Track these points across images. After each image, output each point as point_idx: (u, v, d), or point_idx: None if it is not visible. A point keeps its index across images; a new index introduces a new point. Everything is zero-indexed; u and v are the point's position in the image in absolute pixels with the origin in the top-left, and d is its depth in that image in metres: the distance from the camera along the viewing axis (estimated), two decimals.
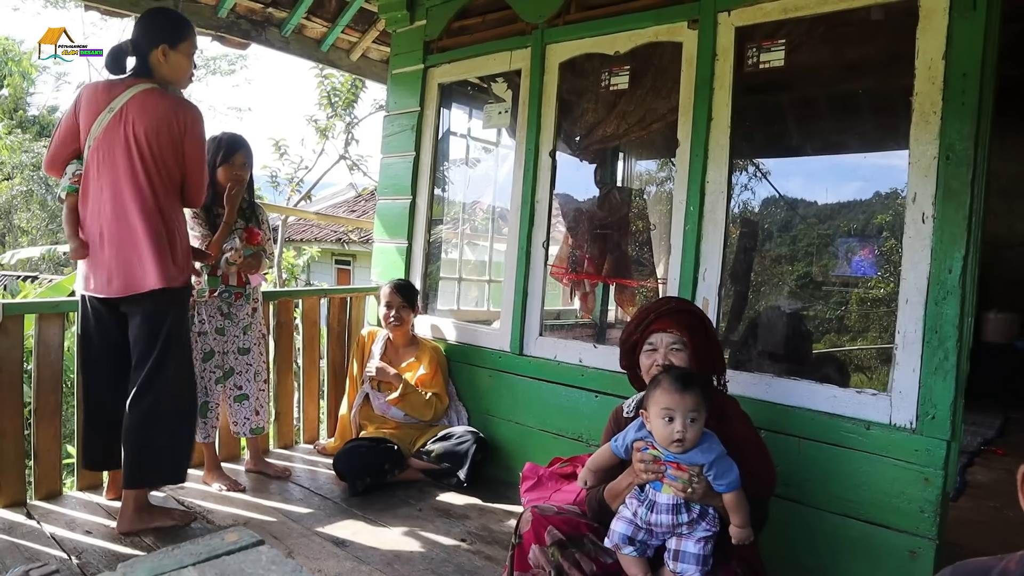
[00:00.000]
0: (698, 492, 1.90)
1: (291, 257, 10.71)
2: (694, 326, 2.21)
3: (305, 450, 4.10)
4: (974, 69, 2.38)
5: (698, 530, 1.95)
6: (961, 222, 2.40)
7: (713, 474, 1.90)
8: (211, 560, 0.68)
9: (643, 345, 2.23)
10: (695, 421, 1.90)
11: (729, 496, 1.91)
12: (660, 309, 2.25)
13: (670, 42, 3.20)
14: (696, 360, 2.17)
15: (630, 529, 2.00)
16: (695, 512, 1.94)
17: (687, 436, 1.89)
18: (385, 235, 4.38)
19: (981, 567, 1.14)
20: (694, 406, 1.90)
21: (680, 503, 1.93)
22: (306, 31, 4.98)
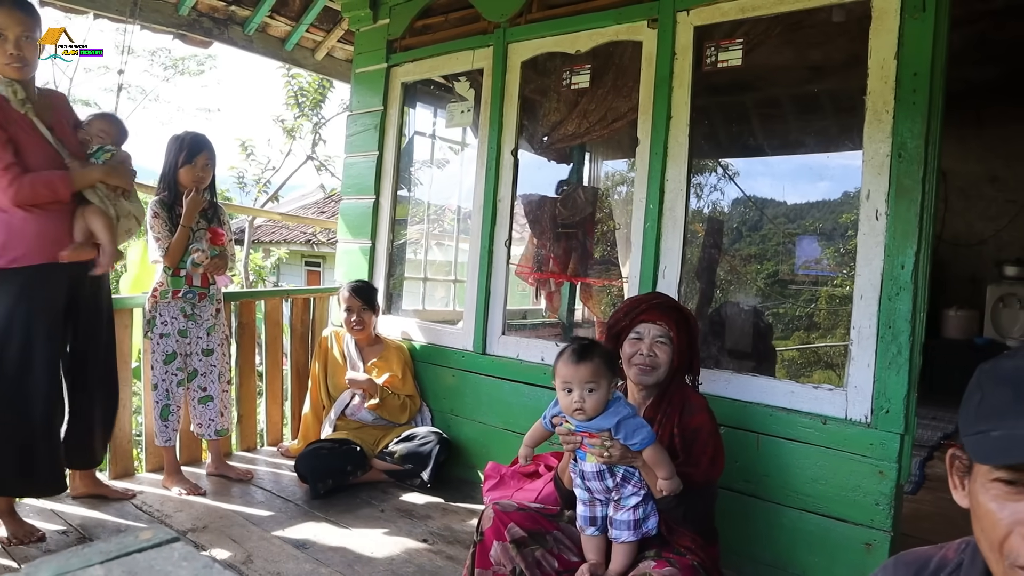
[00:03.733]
0: (615, 455, 1.98)
1: (259, 259, 10.60)
2: (681, 324, 2.26)
3: (269, 452, 4.05)
4: (924, 69, 2.42)
5: (627, 492, 2.03)
6: (913, 219, 2.43)
7: (623, 435, 1.97)
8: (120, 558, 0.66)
9: (629, 333, 2.26)
10: (594, 391, 1.96)
11: (646, 452, 1.97)
12: (652, 301, 2.31)
13: (630, 41, 3.22)
14: (678, 357, 2.22)
15: (587, 509, 2.09)
16: (619, 475, 2.03)
17: (586, 406, 1.96)
18: (349, 235, 4.35)
19: (922, 556, 1.15)
20: (590, 376, 1.96)
21: (603, 469, 2.02)
22: (270, 30, 4.93)
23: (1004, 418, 0.89)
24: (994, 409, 0.91)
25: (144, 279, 4.75)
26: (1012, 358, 0.95)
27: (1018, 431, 0.86)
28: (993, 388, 0.93)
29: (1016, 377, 0.90)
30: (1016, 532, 0.87)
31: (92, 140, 2.93)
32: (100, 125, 2.96)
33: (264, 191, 11.31)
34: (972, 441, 0.92)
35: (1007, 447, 0.86)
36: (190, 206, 3.25)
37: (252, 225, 10.40)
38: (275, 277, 12.34)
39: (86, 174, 2.79)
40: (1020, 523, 0.86)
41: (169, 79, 17.36)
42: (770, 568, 2.66)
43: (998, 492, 0.89)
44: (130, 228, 2.95)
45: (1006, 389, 0.91)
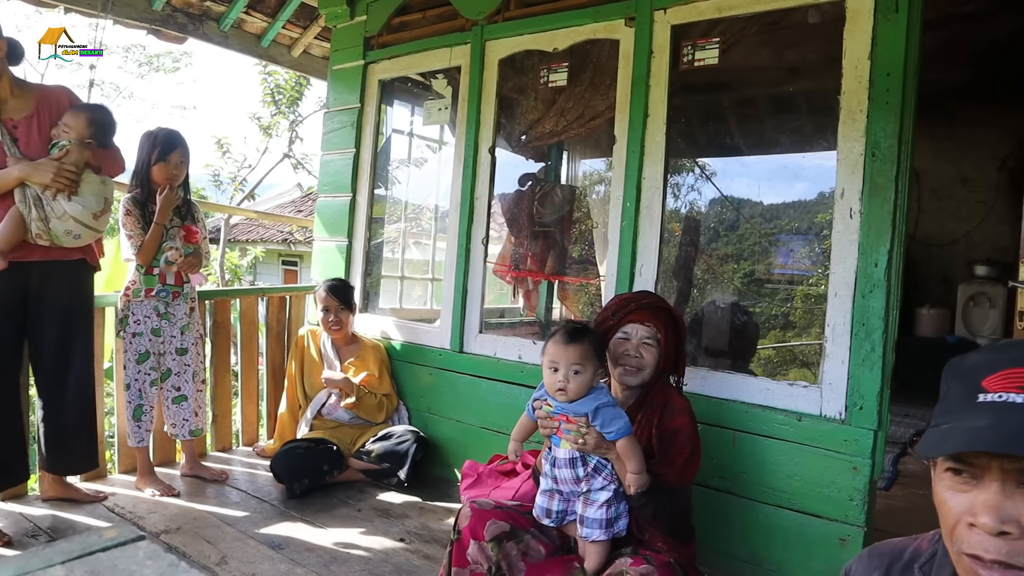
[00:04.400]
0: (589, 442, 1.99)
1: (235, 258, 10.51)
2: (670, 325, 2.24)
3: (244, 452, 4.01)
4: (897, 69, 2.45)
5: (596, 485, 2.03)
6: (886, 217, 2.46)
7: (600, 422, 1.98)
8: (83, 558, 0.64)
9: (616, 332, 2.25)
10: (579, 373, 1.99)
11: (620, 443, 1.98)
12: (641, 301, 2.28)
13: (607, 39, 3.22)
14: (665, 359, 2.21)
15: (545, 499, 2.11)
16: (591, 465, 2.03)
17: (569, 387, 1.98)
18: (325, 233, 4.32)
19: (896, 547, 1.18)
20: (578, 358, 1.98)
21: (576, 457, 2.03)
22: (245, 26, 4.88)
23: (953, 412, 0.93)
24: (948, 404, 0.96)
25: (117, 277, 4.69)
26: (979, 353, 0.98)
27: (961, 424, 0.90)
28: (952, 384, 0.97)
29: (970, 372, 0.94)
30: (962, 521, 0.91)
31: (59, 135, 2.87)
32: (66, 119, 2.90)
33: (240, 189, 11.21)
34: (928, 434, 0.96)
35: (941, 439, 0.91)
36: (163, 204, 3.21)
37: (228, 223, 10.31)
38: (251, 276, 12.24)
39: (5, 174, 2.74)
40: (966, 512, 0.90)
41: (144, 76, 17.17)
42: (746, 564, 2.68)
43: (950, 483, 0.93)
44: (69, 230, 2.84)
45: (959, 384, 0.95)
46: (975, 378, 0.93)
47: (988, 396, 0.90)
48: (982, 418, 0.89)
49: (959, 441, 0.88)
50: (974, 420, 0.90)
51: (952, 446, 0.88)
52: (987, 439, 0.86)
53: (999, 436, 0.86)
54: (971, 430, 0.88)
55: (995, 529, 0.87)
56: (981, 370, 0.93)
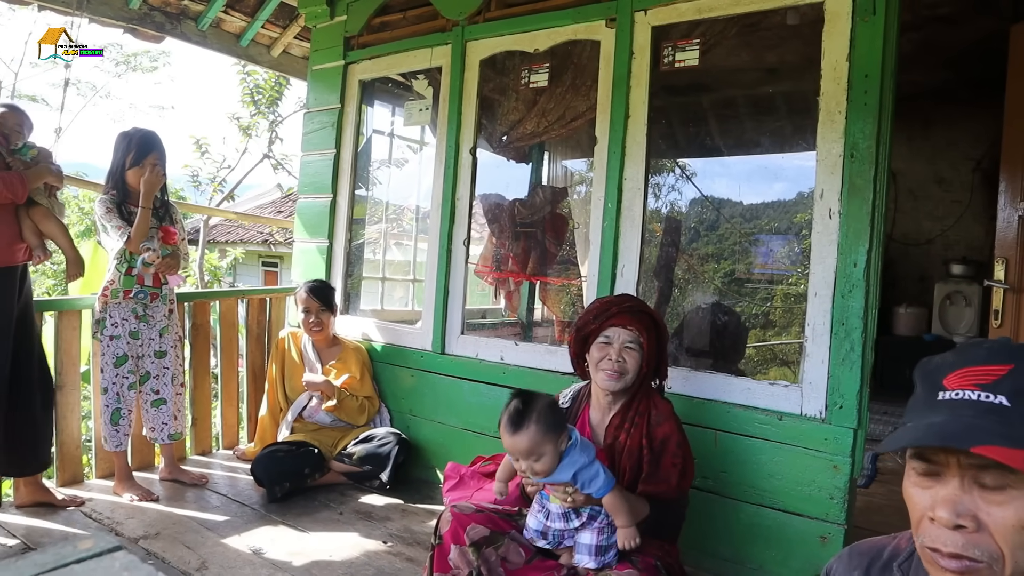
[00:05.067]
0: (579, 500, 1.98)
1: (214, 259, 10.42)
2: (651, 329, 2.23)
3: (224, 456, 3.97)
4: (875, 71, 2.47)
5: (592, 528, 2.02)
6: (865, 217, 2.48)
7: (580, 484, 1.95)
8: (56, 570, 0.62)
9: (598, 337, 2.24)
10: (540, 457, 1.92)
11: (606, 500, 1.96)
12: (623, 305, 2.26)
13: (588, 40, 3.23)
14: (647, 363, 2.20)
15: (541, 525, 2.08)
16: (584, 516, 2.02)
17: (536, 471, 1.95)
18: (306, 235, 4.29)
19: (876, 546, 1.19)
20: (530, 446, 1.91)
21: (569, 511, 2.02)
22: (224, 25, 4.84)
23: (916, 410, 0.98)
24: (914, 402, 1.00)
25: (94, 279, 4.63)
26: (943, 355, 1.01)
27: (920, 422, 0.94)
28: (920, 383, 1.01)
29: (934, 372, 0.99)
30: (925, 515, 0.95)
31: (11, 135, 2.83)
32: (13, 119, 2.87)
33: (219, 190, 11.09)
34: (895, 432, 0.99)
35: (899, 436, 0.94)
36: (147, 186, 3.17)
37: (207, 225, 10.22)
38: (231, 277, 12.14)
39: (37, 173, 2.73)
40: (928, 508, 0.94)
41: (121, 75, 16.94)
42: (728, 563, 2.69)
43: (915, 479, 0.97)
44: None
45: (924, 384, 1.00)
46: (937, 377, 0.97)
47: (947, 394, 0.94)
48: (938, 415, 0.93)
49: (911, 436, 0.92)
50: (931, 417, 0.93)
51: (905, 441, 0.93)
52: (934, 434, 0.90)
53: (945, 431, 0.90)
54: (926, 427, 0.92)
55: (951, 523, 0.90)
56: (943, 370, 0.97)
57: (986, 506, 0.90)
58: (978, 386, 0.92)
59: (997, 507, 0.89)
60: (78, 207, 11.81)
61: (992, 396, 0.91)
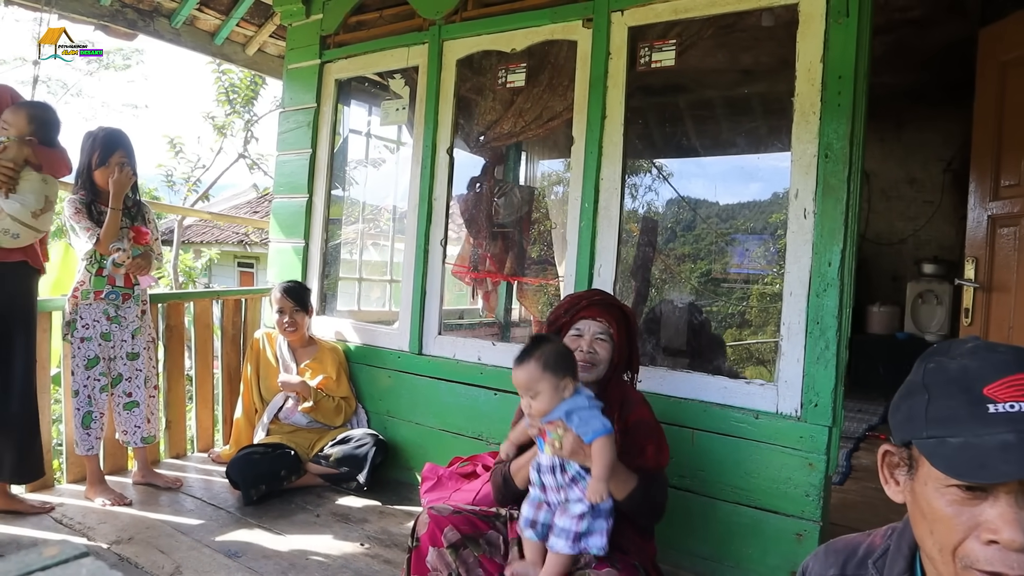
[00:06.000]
0: (565, 446, 1.94)
1: (189, 260, 10.30)
2: (621, 321, 2.25)
3: (199, 459, 3.93)
4: (848, 72, 2.49)
5: (574, 496, 1.98)
6: (839, 217, 2.50)
7: (575, 423, 1.94)
8: None
9: (570, 329, 2.26)
10: (536, 395, 1.96)
11: (594, 444, 1.94)
12: (593, 298, 2.29)
13: (565, 40, 3.23)
14: (618, 354, 2.22)
15: (531, 510, 2.05)
16: (569, 475, 1.99)
17: (531, 410, 1.97)
18: (281, 235, 4.25)
19: (851, 543, 1.19)
20: (527, 381, 1.96)
21: (556, 464, 2.00)
22: (198, 23, 4.78)
23: (960, 423, 0.89)
24: (946, 414, 0.91)
25: (65, 280, 4.56)
26: (953, 356, 0.95)
27: (979, 440, 0.86)
28: (942, 389, 0.93)
29: (964, 379, 0.91)
30: (973, 536, 0.87)
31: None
32: (5, 116, 2.81)
33: (194, 190, 10.97)
34: (929, 447, 0.91)
35: (979, 461, 0.85)
36: (116, 187, 3.11)
37: (181, 225, 10.11)
38: (206, 278, 12.01)
39: None
40: (977, 527, 0.87)
41: (93, 73, 16.70)
42: (706, 561, 2.71)
43: (955, 497, 0.89)
44: (7, 228, 2.78)
45: (955, 392, 0.91)
46: (972, 386, 0.89)
47: (1000, 407, 0.87)
48: (1002, 430, 0.85)
49: (1014, 465, 0.83)
50: (995, 433, 0.85)
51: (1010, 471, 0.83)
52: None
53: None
54: (1006, 449, 0.84)
55: (1022, 544, 0.84)
56: (975, 377, 0.90)
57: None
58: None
59: None
60: None
61: None
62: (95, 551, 2.65)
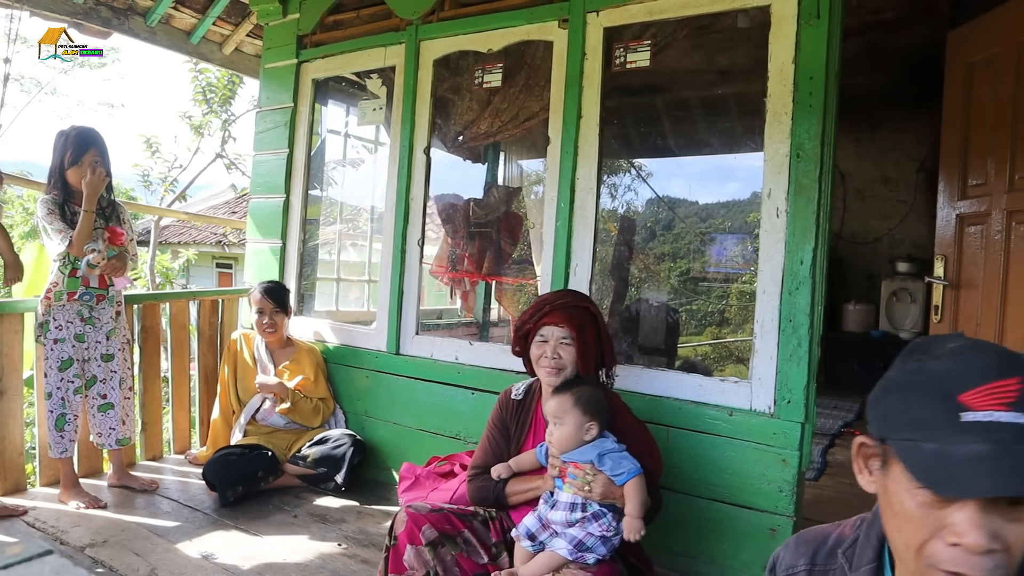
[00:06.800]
0: (596, 490, 2.00)
1: (166, 260, 10.21)
2: (585, 323, 2.26)
3: (176, 461, 3.89)
4: (819, 73, 2.53)
5: (594, 531, 2.02)
6: (811, 216, 2.54)
7: (608, 467, 2.01)
8: None
9: (535, 335, 2.28)
10: (558, 425, 2.06)
11: (627, 484, 2.01)
12: (555, 302, 2.29)
13: (542, 40, 3.24)
14: (582, 356, 2.23)
15: (536, 527, 2.09)
16: (588, 513, 2.02)
17: (552, 439, 2.07)
18: (259, 235, 4.23)
19: (821, 534, 1.22)
20: (556, 411, 2.07)
21: (577, 502, 2.03)
22: (174, 21, 4.74)
23: (932, 428, 0.89)
24: (923, 418, 0.91)
25: (38, 281, 4.51)
26: (937, 357, 0.94)
27: (952, 449, 0.87)
28: (920, 391, 0.93)
29: (944, 383, 0.91)
30: (938, 537, 0.90)
31: None
32: None
33: (171, 190, 10.88)
34: (904, 448, 0.92)
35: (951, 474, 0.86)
36: (89, 189, 3.08)
37: (158, 225, 10.01)
38: (184, 279, 11.91)
39: None
40: (942, 529, 0.89)
41: (68, 71, 16.50)
42: (681, 557, 2.73)
43: (924, 500, 0.90)
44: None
45: (933, 395, 0.91)
46: (950, 391, 0.89)
47: (975, 415, 0.87)
48: (975, 441, 0.86)
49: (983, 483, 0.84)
50: (967, 443, 0.86)
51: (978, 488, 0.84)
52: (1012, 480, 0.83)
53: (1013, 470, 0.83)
54: (979, 461, 0.84)
55: (985, 548, 0.86)
56: (955, 382, 0.90)
57: (1007, 524, 0.87)
58: (1006, 405, 0.86)
59: (1015, 524, 0.87)
60: (23, 207, 11.48)
61: (1020, 416, 0.85)
62: (64, 551, 2.62)
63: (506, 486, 2.24)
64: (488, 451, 2.36)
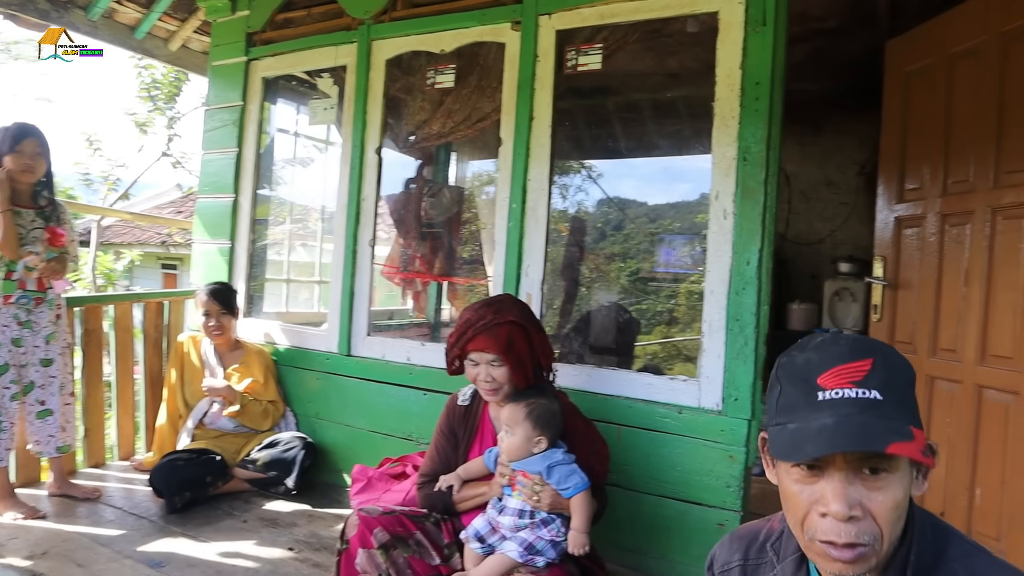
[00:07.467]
0: (544, 500, 2.03)
1: (108, 261, 9.93)
2: (512, 339, 2.19)
3: (120, 467, 3.80)
4: (765, 78, 2.59)
5: (544, 536, 2.05)
6: (757, 218, 2.60)
7: (555, 480, 2.03)
8: None
9: (465, 359, 2.27)
10: (508, 433, 2.08)
11: (574, 499, 2.04)
12: (478, 324, 2.20)
13: (494, 42, 3.25)
14: (516, 370, 2.20)
15: (486, 529, 2.10)
16: (537, 519, 2.05)
17: (502, 446, 2.10)
18: (206, 235, 4.15)
19: (753, 529, 1.28)
20: (507, 420, 2.09)
21: (526, 509, 2.06)
22: (117, 16, 4.60)
23: (796, 410, 1.01)
24: (789, 403, 1.03)
25: None
26: (803, 350, 1.06)
27: (808, 424, 0.98)
28: (789, 381, 1.05)
29: (805, 371, 1.03)
30: (813, 511, 1.00)
31: None
32: None
33: (114, 189, 10.59)
34: (773, 433, 1.04)
35: (798, 442, 0.97)
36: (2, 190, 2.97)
37: (100, 226, 9.74)
38: (127, 280, 11.61)
39: None
40: (815, 503, 0.99)
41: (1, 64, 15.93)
42: (631, 553, 2.77)
43: (798, 477, 1.01)
44: None
45: (798, 382, 1.03)
46: (810, 376, 1.01)
47: (827, 394, 0.99)
48: (827, 415, 0.97)
49: (818, 445, 0.95)
50: (820, 418, 0.97)
51: (813, 451, 0.96)
52: (848, 439, 0.94)
53: (858, 435, 0.94)
54: (821, 431, 0.95)
55: (846, 515, 0.96)
56: (813, 368, 1.01)
57: (868, 493, 0.97)
58: (854, 383, 0.98)
59: (878, 492, 0.97)
60: None
61: (867, 392, 0.97)
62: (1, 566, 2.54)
63: (451, 498, 2.25)
64: (436, 459, 2.35)
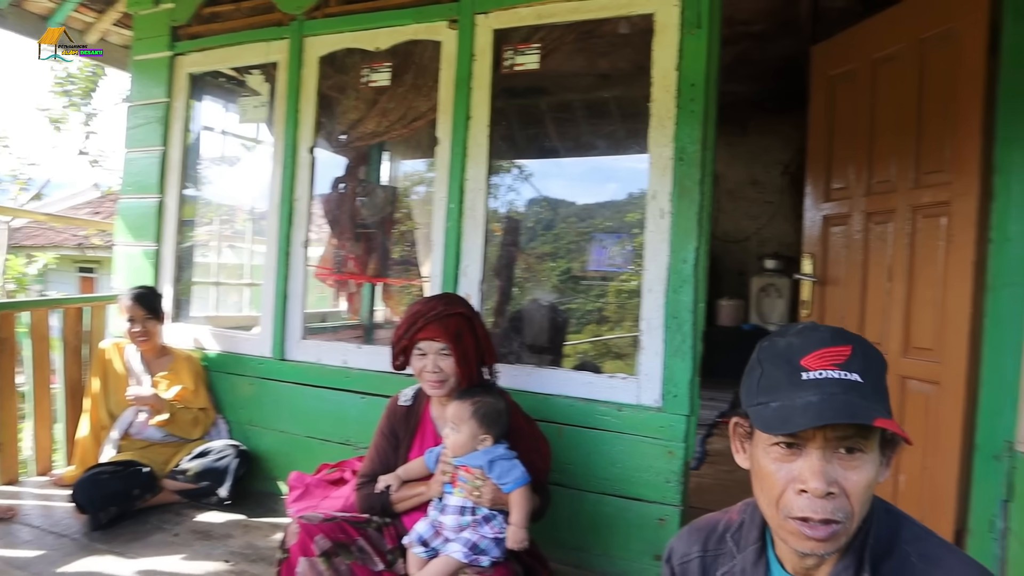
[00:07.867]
0: (485, 495, 2.04)
1: (19, 265, 9.45)
2: (461, 330, 2.24)
3: (38, 483, 3.59)
4: (700, 80, 2.64)
5: (486, 534, 2.06)
6: (693, 217, 2.65)
7: (496, 474, 2.04)
8: None
9: (413, 350, 2.26)
10: (456, 430, 2.10)
11: (514, 493, 2.05)
12: (428, 314, 2.24)
13: (430, 40, 3.22)
14: (462, 363, 2.22)
15: (429, 533, 2.09)
16: (479, 516, 2.06)
17: (447, 441, 2.12)
18: (130, 237, 3.98)
19: (711, 521, 1.31)
20: (453, 418, 2.12)
21: (467, 506, 2.06)
22: (28, 4, 4.35)
23: (779, 390, 1.05)
24: (772, 383, 1.07)
25: None
26: (784, 336, 1.11)
27: (792, 402, 1.02)
28: (771, 363, 1.09)
29: (788, 353, 1.07)
30: (790, 488, 1.04)
31: None
32: None
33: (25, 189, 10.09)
34: (755, 412, 1.07)
35: (785, 416, 1.01)
36: None
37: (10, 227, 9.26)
38: (41, 285, 11.09)
39: None
40: (793, 480, 1.03)
41: None
42: (574, 551, 2.78)
43: (777, 455, 1.05)
44: None
45: (781, 364, 1.07)
46: (793, 358, 1.05)
47: (810, 374, 1.03)
48: (810, 394, 1.01)
49: (807, 418, 0.99)
50: (804, 396, 1.01)
51: (802, 423, 0.99)
52: (829, 415, 0.98)
53: (834, 410, 0.98)
54: (807, 407, 1.00)
55: (824, 491, 1.00)
56: (796, 351, 1.06)
57: (844, 471, 1.02)
58: (836, 365, 1.02)
59: (853, 471, 1.02)
60: None
61: (848, 374, 1.02)
62: None
63: (389, 498, 2.23)
64: (376, 460, 2.34)
